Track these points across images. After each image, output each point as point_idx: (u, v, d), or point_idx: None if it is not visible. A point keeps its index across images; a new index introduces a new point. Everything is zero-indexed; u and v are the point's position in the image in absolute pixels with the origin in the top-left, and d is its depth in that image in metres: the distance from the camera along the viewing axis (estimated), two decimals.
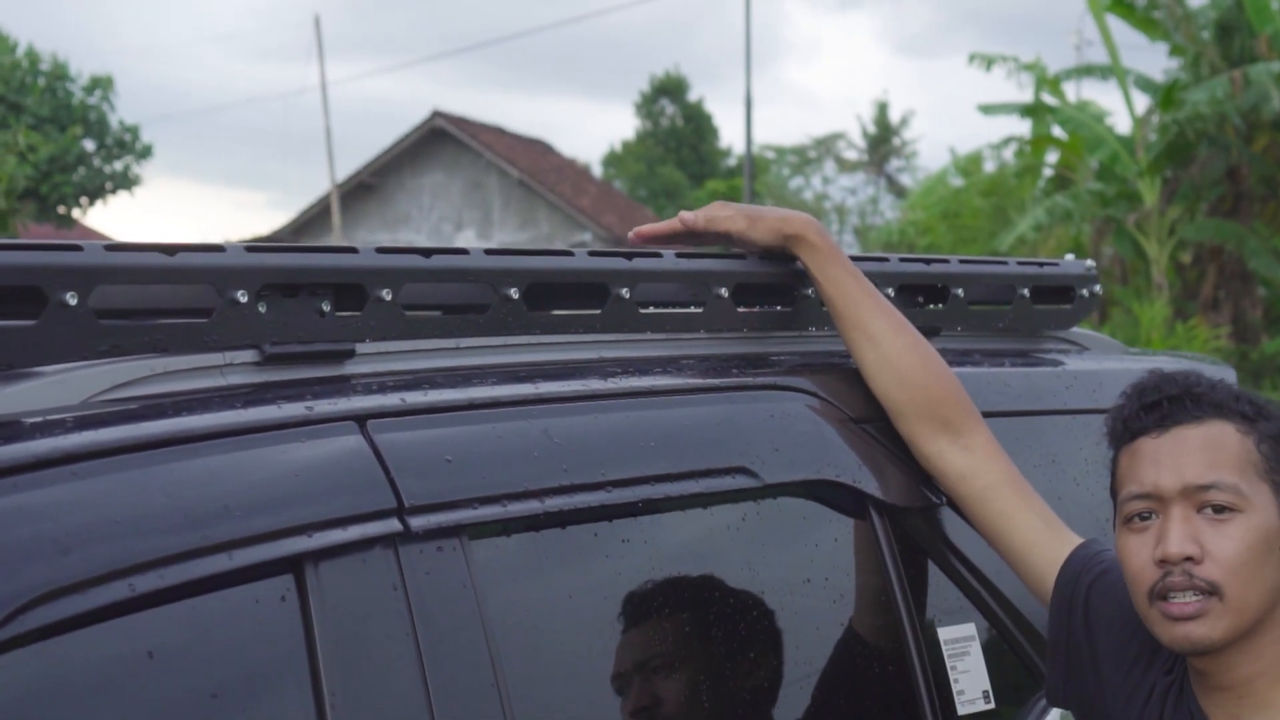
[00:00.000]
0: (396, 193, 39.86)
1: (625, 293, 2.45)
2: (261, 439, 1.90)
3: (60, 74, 36.22)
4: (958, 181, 31.93)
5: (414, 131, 39.38)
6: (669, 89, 54.89)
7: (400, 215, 39.71)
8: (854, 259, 2.80)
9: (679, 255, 2.56)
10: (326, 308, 2.13)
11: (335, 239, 33.24)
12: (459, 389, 2.15)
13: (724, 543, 2.36)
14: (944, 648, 2.53)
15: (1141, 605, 2.16)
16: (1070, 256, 3.33)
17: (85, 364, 1.98)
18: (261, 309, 2.07)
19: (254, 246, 2.05)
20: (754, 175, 38.46)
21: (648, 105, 55.14)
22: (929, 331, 2.97)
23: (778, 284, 2.67)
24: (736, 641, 2.31)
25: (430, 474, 2.00)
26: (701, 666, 2.27)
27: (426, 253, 2.23)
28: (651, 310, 2.53)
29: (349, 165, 45.12)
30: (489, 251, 2.29)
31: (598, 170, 53.51)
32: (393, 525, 1.93)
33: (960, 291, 2.98)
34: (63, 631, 1.66)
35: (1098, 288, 3.25)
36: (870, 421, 2.58)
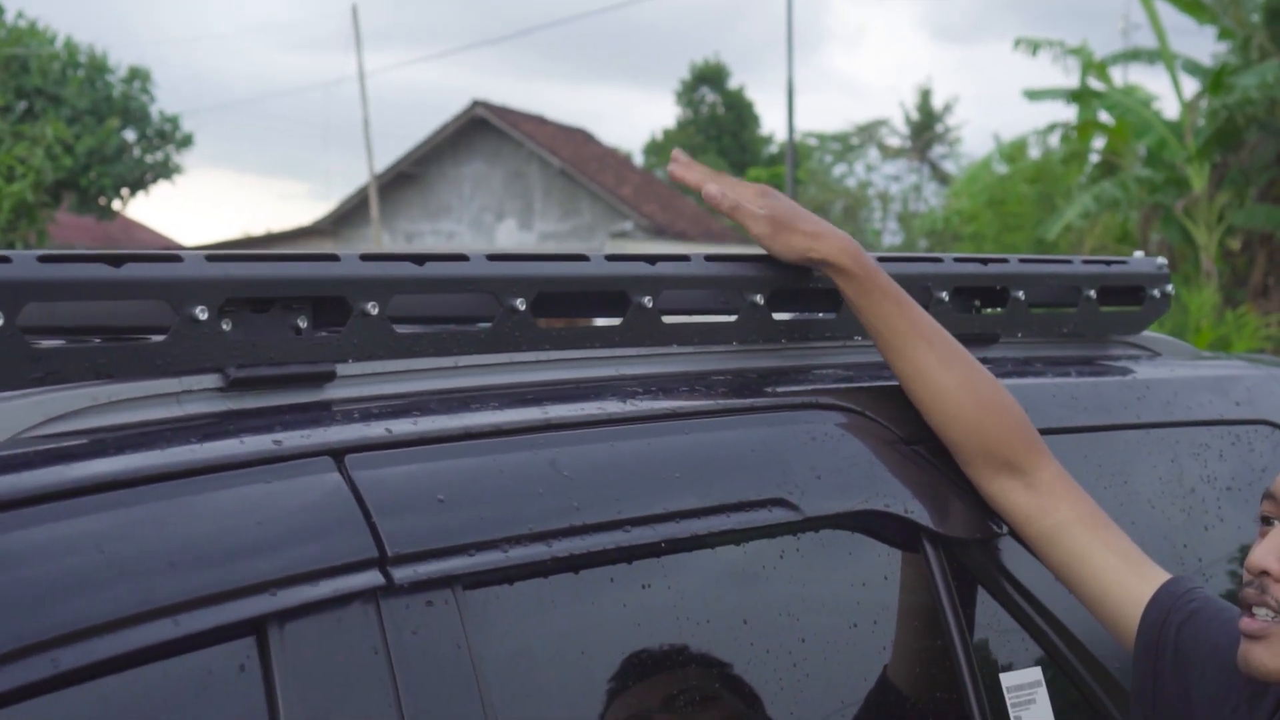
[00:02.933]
0: (437, 182, 39.73)
1: (647, 301, 2.17)
2: (219, 480, 1.63)
3: (98, 66, 36.18)
4: (1002, 168, 31.61)
5: (454, 121, 39.23)
6: (709, 77, 54.60)
7: (441, 205, 39.57)
8: (904, 260, 2.53)
9: (708, 258, 2.29)
10: (303, 324, 1.86)
11: (374, 230, 33.04)
12: (454, 415, 1.88)
13: (759, 584, 2.09)
14: (1007, 695, 2.26)
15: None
16: (1139, 254, 3.05)
17: (14, 394, 1.71)
18: (225, 327, 1.79)
19: (217, 255, 1.78)
20: (796, 163, 38.12)
21: (688, 93, 54.88)
22: (987, 339, 2.71)
23: (819, 289, 2.39)
24: (776, 697, 2.04)
25: (418, 516, 1.73)
26: None
27: (419, 259, 1.96)
28: (677, 320, 2.26)
29: (390, 155, 45.03)
30: (491, 257, 2.02)
31: (639, 159, 53.27)
32: (373, 578, 1.66)
33: (1021, 294, 2.70)
34: None
35: (1169, 287, 2.97)
36: (922, 442, 2.31)
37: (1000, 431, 2.24)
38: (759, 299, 2.31)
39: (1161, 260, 2.98)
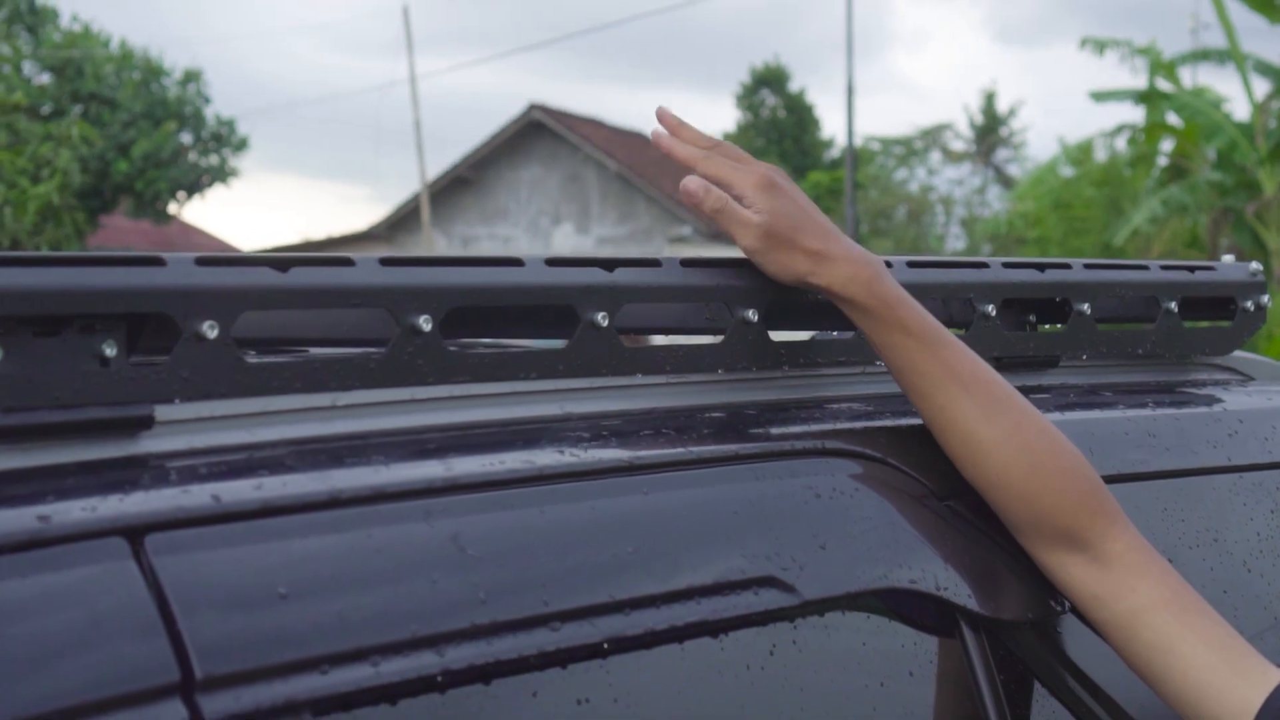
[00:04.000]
0: (494, 186, 39.48)
1: (601, 318, 1.68)
2: None
3: (153, 69, 36.06)
4: (1068, 171, 31.02)
5: (511, 125, 38.98)
6: (769, 80, 54.09)
7: (498, 209, 39.31)
8: (941, 265, 2.04)
9: (685, 263, 1.80)
10: (110, 352, 1.38)
11: (425, 235, 32.62)
12: (317, 474, 1.38)
13: (741, 691, 1.59)
14: None
15: None
16: (1229, 258, 2.54)
17: None
18: None
19: None
20: (857, 167, 37.59)
21: (748, 96, 54.39)
22: (1045, 362, 2.21)
23: (831, 301, 1.89)
24: None
25: (246, 620, 1.24)
26: None
27: (282, 265, 1.47)
28: (640, 340, 1.78)
29: (448, 158, 44.85)
30: (386, 261, 1.53)
31: None
32: (172, 711, 1.18)
33: (1086, 307, 2.19)
34: None
35: (1265, 299, 2.46)
36: (959, 496, 1.82)
37: (1057, 497, 1.75)
38: (751, 314, 1.81)
39: (1255, 265, 2.47)
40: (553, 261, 1.67)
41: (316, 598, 1.29)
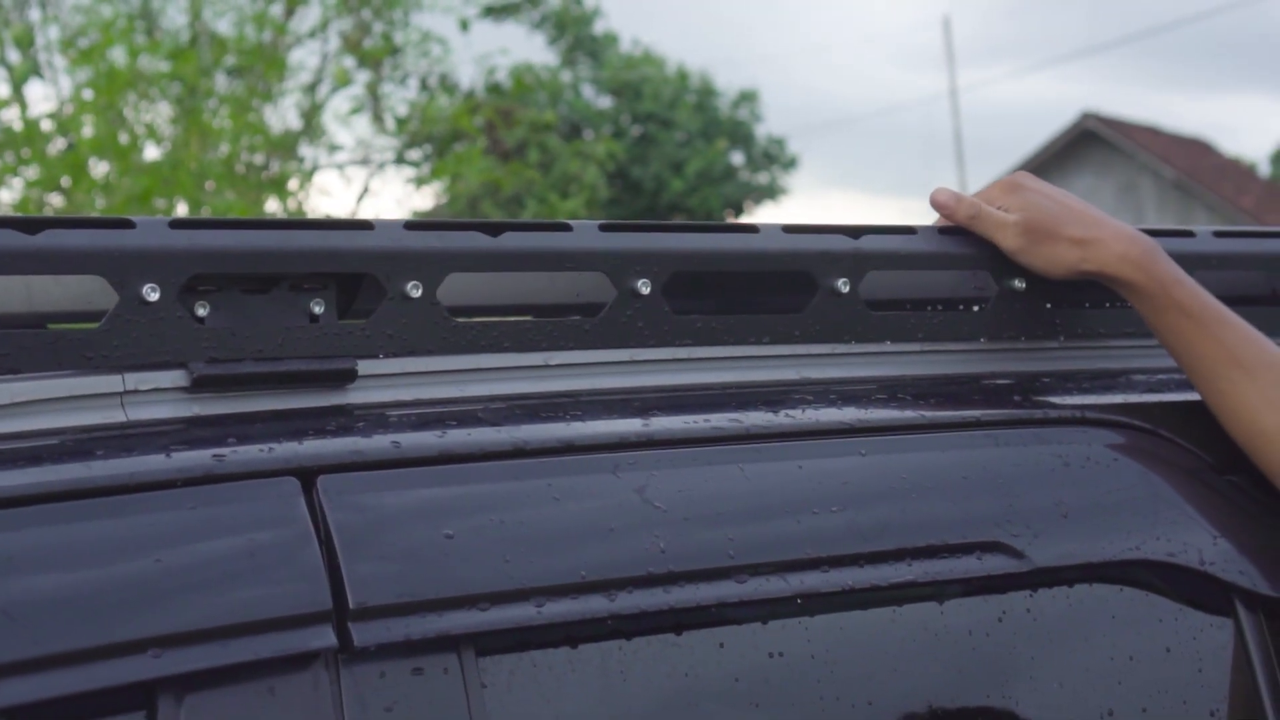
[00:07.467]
0: None
1: (842, 285, 1.69)
2: (116, 506, 1.26)
3: (708, 90, 37.01)
4: None
5: (1063, 134, 38.32)
6: None
7: None
8: (1255, 235, 1.96)
9: (942, 231, 1.78)
10: (319, 309, 1.47)
11: None
12: (506, 427, 1.45)
13: (961, 658, 1.56)
14: None
15: None
16: None
17: None
18: (200, 311, 1.42)
19: (183, 220, 1.41)
20: None
21: None
22: None
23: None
24: None
25: (406, 557, 1.31)
26: None
27: (494, 229, 1.54)
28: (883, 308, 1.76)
29: (998, 169, 44.47)
30: (605, 227, 1.58)
31: (1265, 168, 50.73)
32: (322, 635, 1.26)
33: None
34: None
35: None
36: (1245, 472, 1.74)
37: None
38: (1018, 283, 1.78)
39: None
40: (791, 228, 1.68)
41: (483, 540, 1.35)
